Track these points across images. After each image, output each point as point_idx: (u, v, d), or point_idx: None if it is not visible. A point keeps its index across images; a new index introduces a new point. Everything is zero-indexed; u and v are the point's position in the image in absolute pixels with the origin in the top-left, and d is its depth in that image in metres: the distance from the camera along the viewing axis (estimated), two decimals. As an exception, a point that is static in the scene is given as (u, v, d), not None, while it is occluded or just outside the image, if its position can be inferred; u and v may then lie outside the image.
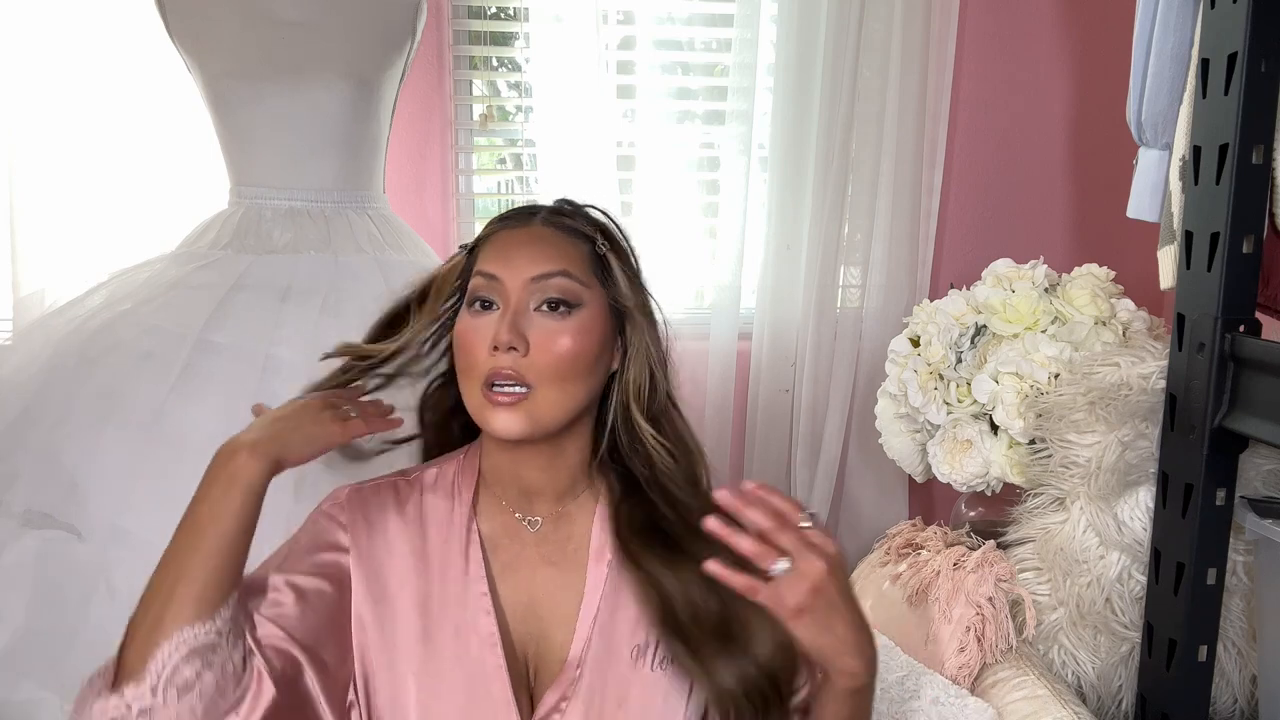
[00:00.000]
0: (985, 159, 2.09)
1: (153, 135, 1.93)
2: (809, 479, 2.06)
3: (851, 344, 2.03)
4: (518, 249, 0.88)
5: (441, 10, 1.96)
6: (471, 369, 0.86)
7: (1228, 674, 1.19)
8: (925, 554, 1.37)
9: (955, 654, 1.20)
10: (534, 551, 0.92)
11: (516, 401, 0.84)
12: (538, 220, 0.91)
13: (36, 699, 1.29)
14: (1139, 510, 1.16)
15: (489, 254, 0.89)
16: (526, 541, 0.92)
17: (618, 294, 0.91)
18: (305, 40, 1.57)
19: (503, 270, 0.87)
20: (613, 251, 0.92)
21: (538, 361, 0.84)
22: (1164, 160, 1.20)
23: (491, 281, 0.87)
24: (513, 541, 0.92)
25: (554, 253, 0.88)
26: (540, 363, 0.84)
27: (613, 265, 0.91)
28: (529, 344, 0.84)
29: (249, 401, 1.41)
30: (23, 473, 1.38)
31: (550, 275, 0.86)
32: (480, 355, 0.85)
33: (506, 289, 0.86)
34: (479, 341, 0.86)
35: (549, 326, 0.85)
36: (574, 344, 0.86)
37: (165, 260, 1.62)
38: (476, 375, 0.85)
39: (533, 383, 0.84)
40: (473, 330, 0.87)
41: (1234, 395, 1.00)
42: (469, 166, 2.09)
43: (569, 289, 0.87)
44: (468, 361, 0.87)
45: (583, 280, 0.88)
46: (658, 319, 0.94)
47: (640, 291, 0.93)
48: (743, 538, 0.75)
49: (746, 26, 1.93)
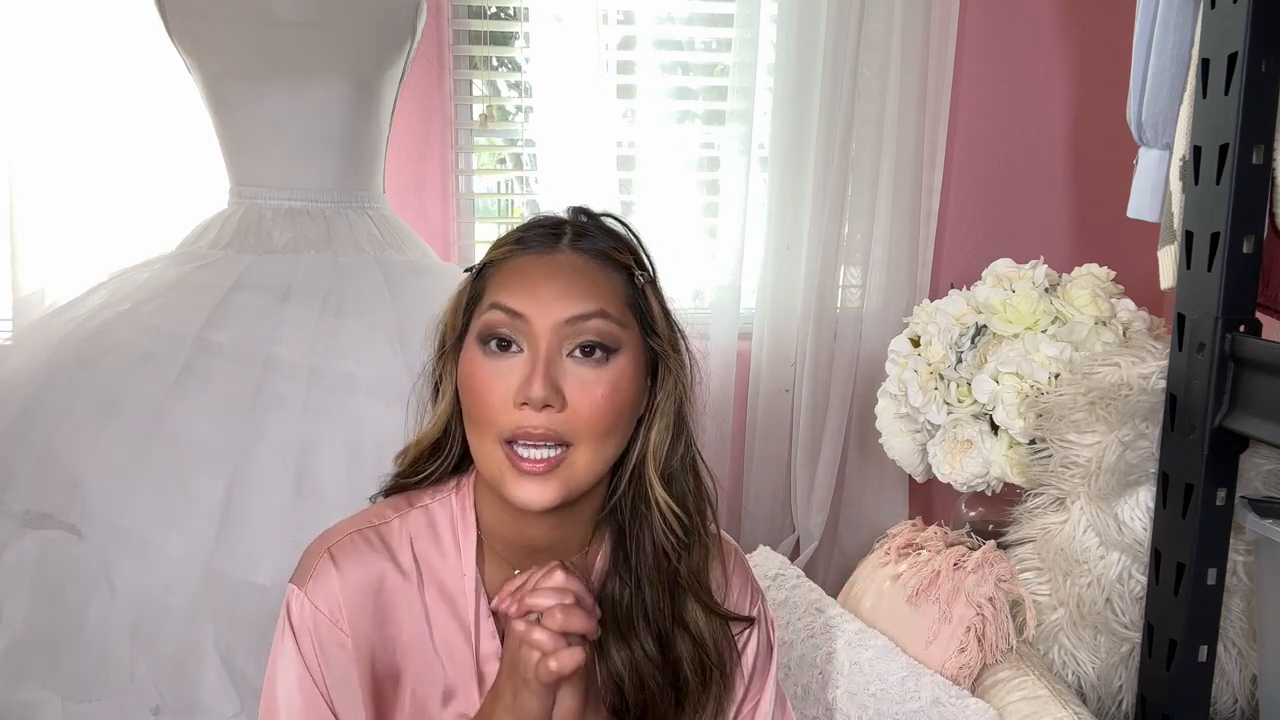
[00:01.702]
0: (985, 159, 2.09)
1: (153, 135, 1.93)
2: (809, 479, 2.06)
3: (851, 344, 2.03)
4: (546, 283, 0.74)
5: (441, 10, 1.96)
6: (488, 423, 0.74)
7: (1228, 674, 1.19)
8: (925, 554, 1.37)
9: (955, 654, 1.20)
10: None
11: (550, 469, 0.73)
12: (565, 244, 0.77)
13: (37, 699, 1.30)
14: (1139, 510, 1.16)
15: (510, 285, 0.75)
16: None
17: (653, 333, 0.79)
18: (305, 40, 1.57)
19: (530, 308, 0.73)
20: (650, 283, 0.80)
21: (575, 418, 0.73)
22: (1164, 160, 1.20)
23: (515, 320, 0.73)
24: None
25: (590, 288, 0.75)
26: (578, 419, 0.73)
27: (650, 300, 0.79)
28: (564, 399, 0.73)
29: (249, 401, 1.42)
30: (23, 473, 1.38)
31: (588, 317, 0.74)
32: (501, 408, 0.73)
33: (534, 331, 0.73)
34: (499, 390, 0.73)
35: (585, 376, 0.73)
36: (614, 395, 0.74)
37: (165, 260, 1.62)
38: (495, 431, 0.73)
39: (570, 440, 0.73)
40: (489, 375, 0.74)
41: (1234, 395, 1.00)
42: (469, 166, 2.09)
43: (607, 332, 0.74)
44: (483, 413, 0.74)
45: (620, 320, 0.76)
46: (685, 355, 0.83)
47: (674, 328, 0.81)
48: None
49: (746, 26, 1.93)
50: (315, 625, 0.77)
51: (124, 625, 1.31)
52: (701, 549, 0.83)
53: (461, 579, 0.81)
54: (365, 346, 1.46)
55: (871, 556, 1.50)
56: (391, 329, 1.47)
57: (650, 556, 0.81)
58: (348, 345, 1.46)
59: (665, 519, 0.80)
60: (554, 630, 0.69)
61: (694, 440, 0.84)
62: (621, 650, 0.80)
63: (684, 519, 0.81)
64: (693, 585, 0.82)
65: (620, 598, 0.81)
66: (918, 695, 1.16)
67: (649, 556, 0.81)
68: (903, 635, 1.27)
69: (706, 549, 0.84)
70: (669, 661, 0.82)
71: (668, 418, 0.80)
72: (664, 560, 0.81)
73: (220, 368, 1.42)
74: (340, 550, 0.79)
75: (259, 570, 1.31)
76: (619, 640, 0.81)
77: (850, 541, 2.11)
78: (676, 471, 0.82)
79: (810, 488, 2.06)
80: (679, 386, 0.81)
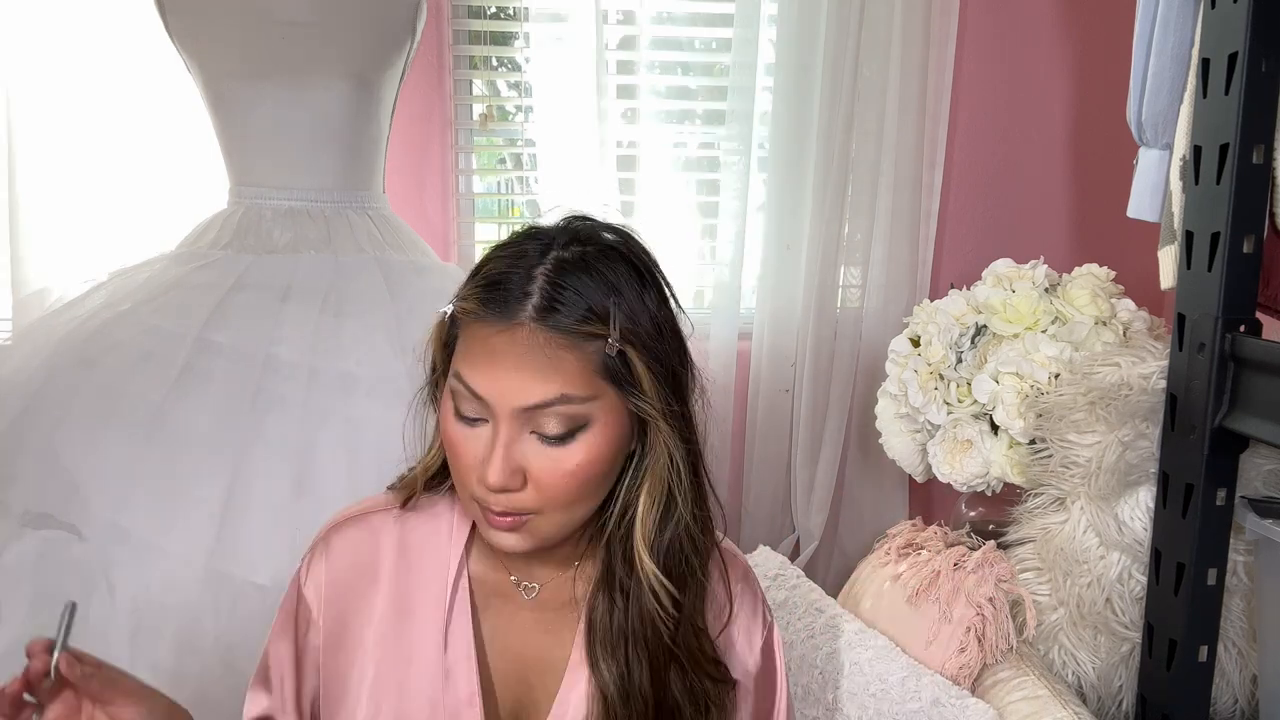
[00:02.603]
0: (985, 159, 2.09)
1: (153, 135, 1.93)
2: (809, 479, 2.06)
3: (851, 344, 2.03)
4: (503, 364, 0.70)
5: (441, 10, 1.96)
6: (462, 482, 0.75)
7: (1228, 674, 1.19)
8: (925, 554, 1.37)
9: (955, 654, 1.20)
10: (528, 616, 0.84)
11: (517, 526, 0.74)
12: (526, 318, 0.70)
13: (36, 699, 1.29)
14: (1139, 510, 1.16)
15: (472, 359, 0.72)
16: (520, 605, 0.84)
17: (637, 399, 0.73)
18: (305, 40, 1.57)
19: (489, 390, 0.71)
20: (631, 339, 0.72)
21: (539, 493, 0.72)
22: (1164, 160, 1.20)
23: (477, 400, 0.72)
24: (505, 603, 0.84)
25: (548, 373, 0.70)
26: (542, 494, 0.72)
27: (633, 361, 0.72)
28: (525, 478, 0.72)
29: (249, 401, 1.42)
30: (23, 473, 1.38)
31: (546, 405, 0.70)
32: (471, 475, 0.73)
33: (495, 413, 0.71)
34: (468, 455, 0.73)
35: (549, 454, 0.72)
36: (581, 468, 0.72)
37: (165, 260, 1.62)
38: (467, 489, 0.75)
39: (535, 510, 0.73)
40: (463, 438, 0.73)
41: (1234, 395, 1.00)
42: (469, 166, 2.09)
43: (569, 415, 0.71)
44: (458, 472, 0.75)
45: (586, 395, 0.71)
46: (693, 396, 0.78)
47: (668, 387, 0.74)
48: None
49: (746, 26, 1.93)
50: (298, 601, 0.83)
51: (124, 625, 1.31)
52: (696, 591, 0.81)
53: (447, 571, 0.83)
54: (365, 346, 1.46)
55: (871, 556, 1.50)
56: (391, 329, 1.47)
57: (638, 621, 0.79)
58: (348, 345, 1.46)
59: (656, 595, 0.77)
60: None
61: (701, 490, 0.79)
62: (609, 665, 0.80)
63: (675, 595, 0.78)
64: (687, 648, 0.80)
65: (610, 617, 0.80)
66: (918, 695, 1.16)
67: (636, 620, 0.79)
68: (903, 635, 1.27)
69: (702, 587, 0.82)
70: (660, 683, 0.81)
71: (657, 489, 0.76)
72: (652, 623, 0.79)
73: (220, 368, 1.42)
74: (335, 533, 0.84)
75: (259, 570, 1.31)
76: (607, 655, 0.80)
77: (850, 541, 2.11)
78: (671, 544, 0.78)
79: (810, 488, 2.06)
80: (667, 452, 0.75)
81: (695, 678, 0.81)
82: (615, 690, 0.79)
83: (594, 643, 0.81)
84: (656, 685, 0.80)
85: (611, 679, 0.79)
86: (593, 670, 0.81)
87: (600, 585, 0.81)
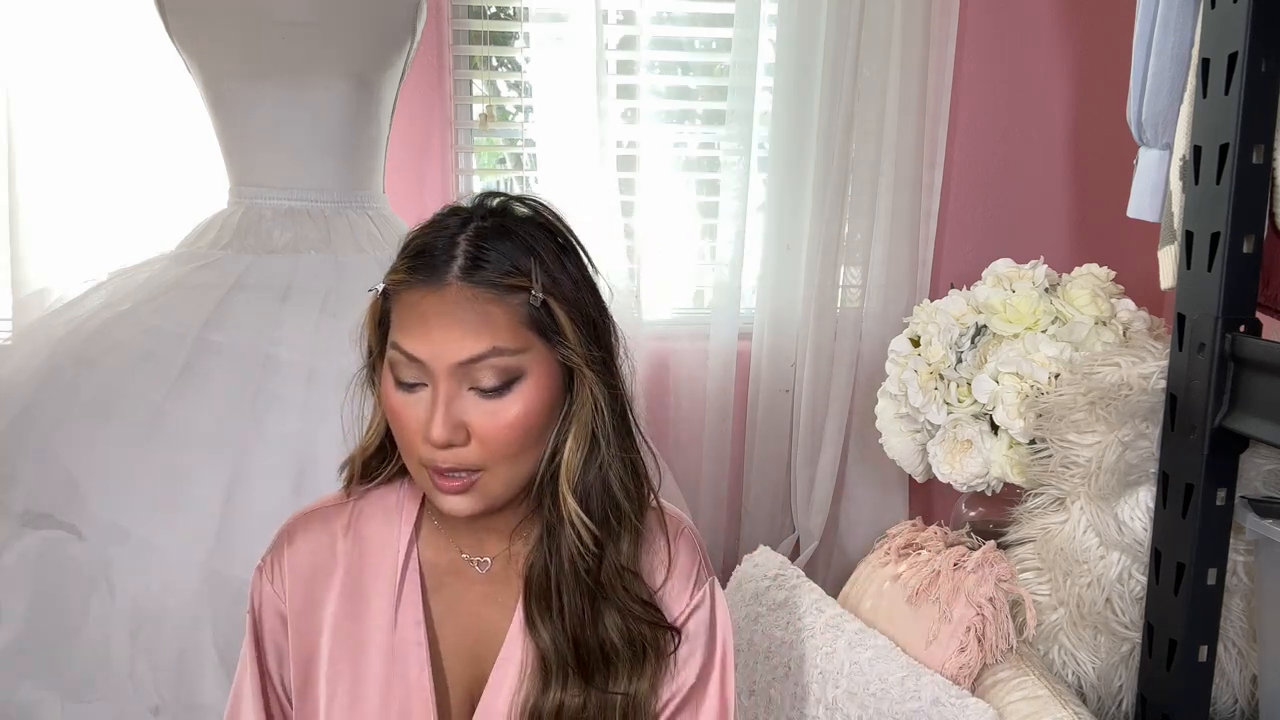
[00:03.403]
0: (985, 159, 2.09)
1: (153, 135, 1.93)
2: (809, 479, 2.06)
3: (851, 344, 2.03)
4: (437, 323, 0.74)
5: (441, 10, 1.96)
6: (409, 450, 0.79)
7: (1228, 674, 1.19)
8: (925, 554, 1.37)
9: (955, 654, 1.20)
10: (479, 591, 0.87)
11: (466, 487, 0.77)
12: (452, 278, 0.75)
13: (36, 699, 1.29)
14: (1139, 510, 1.16)
15: (406, 325, 0.76)
16: (472, 580, 0.87)
17: (563, 347, 0.78)
18: (305, 40, 1.57)
19: (424, 351, 0.74)
20: (552, 292, 0.77)
21: (482, 447, 0.76)
22: (1164, 160, 1.20)
23: (414, 363, 0.75)
24: (457, 580, 0.87)
25: (482, 325, 0.74)
26: (485, 447, 0.76)
27: (556, 312, 0.77)
28: (469, 431, 0.75)
29: (249, 401, 1.42)
30: (22, 473, 1.38)
31: (482, 358, 0.74)
32: (415, 440, 0.76)
33: (433, 372, 0.75)
34: (412, 422, 0.77)
35: (488, 408, 0.75)
36: (519, 419, 0.76)
37: (165, 260, 1.62)
38: (414, 456, 0.78)
39: (481, 465, 0.77)
40: (404, 405, 0.77)
41: (1234, 395, 1.00)
42: (469, 166, 2.09)
43: (504, 367, 0.75)
44: (403, 441, 0.79)
45: (518, 347, 0.75)
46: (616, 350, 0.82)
47: (587, 332, 0.79)
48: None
49: (746, 26, 1.93)
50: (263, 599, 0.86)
51: (123, 625, 1.31)
52: (631, 539, 0.84)
53: (397, 555, 0.86)
54: (365, 346, 1.46)
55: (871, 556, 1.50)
56: (391, 329, 1.47)
57: (567, 561, 0.82)
58: (347, 345, 1.46)
59: (578, 532, 0.81)
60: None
61: (630, 436, 0.83)
62: (544, 616, 0.83)
63: (595, 533, 0.81)
64: (614, 588, 0.83)
65: (545, 568, 0.83)
66: (918, 695, 1.16)
67: (565, 561, 0.82)
68: (903, 635, 1.27)
69: (638, 535, 0.85)
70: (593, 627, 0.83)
71: (582, 435, 0.80)
72: (578, 563, 0.82)
73: (220, 368, 1.42)
74: (294, 524, 0.88)
75: (259, 570, 1.31)
76: (543, 606, 0.83)
77: (850, 541, 2.11)
78: (592, 486, 0.81)
79: (810, 488, 2.06)
80: (594, 395, 0.80)
81: (630, 622, 0.83)
82: (549, 641, 0.82)
83: (530, 597, 0.84)
84: (590, 630, 0.82)
85: (546, 630, 0.82)
86: (528, 625, 0.83)
87: (537, 543, 0.84)
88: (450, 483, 0.77)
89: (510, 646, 0.85)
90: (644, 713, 0.84)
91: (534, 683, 0.83)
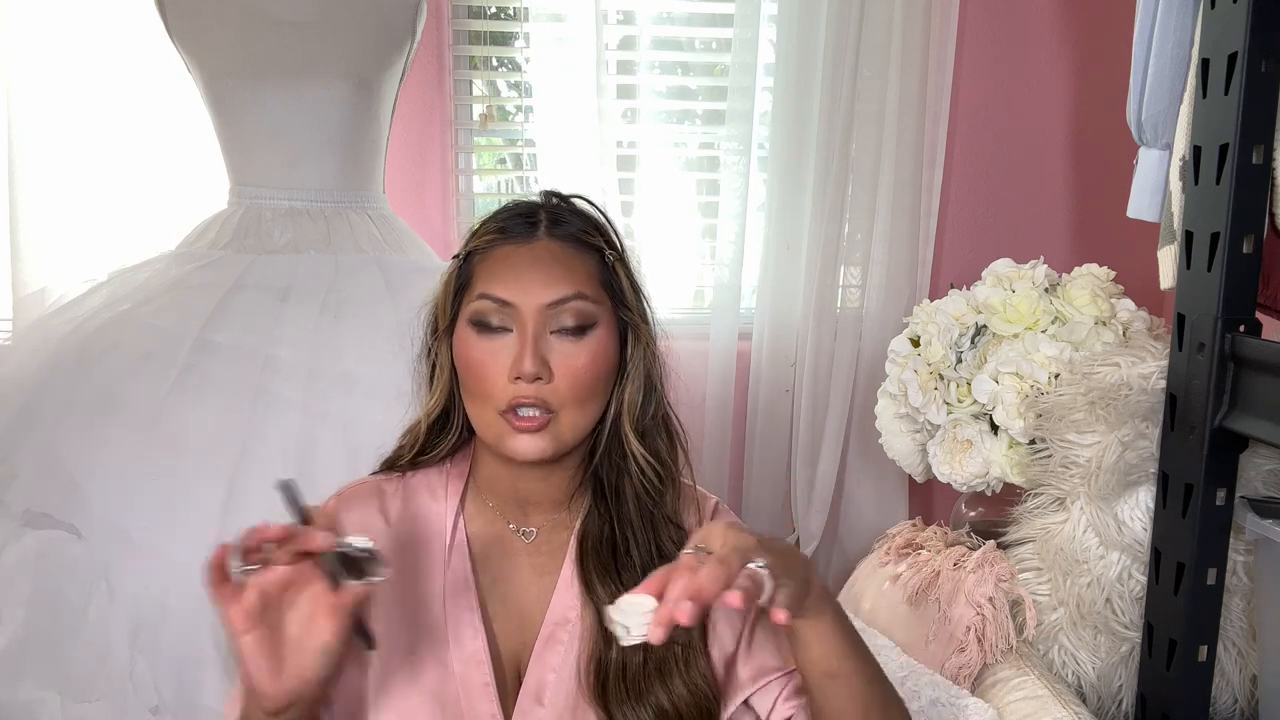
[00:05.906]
0: (985, 159, 2.09)
1: (153, 135, 1.93)
2: (809, 479, 2.06)
3: (851, 344, 2.03)
4: (528, 271, 0.84)
5: (441, 10, 1.96)
6: (487, 396, 0.84)
7: (1228, 674, 1.19)
8: (925, 554, 1.37)
9: (955, 654, 1.20)
10: (526, 563, 0.91)
11: (541, 426, 0.83)
12: (541, 232, 0.87)
13: (36, 699, 1.30)
14: (1139, 510, 1.16)
15: (495, 275, 0.85)
16: (518, 552, 0.91)
17: (623, 307, 0.89)
18: (305, 40, 1.57)
19: (516, 295, 0.83)
20: (619, 260, 0.90)
21: (560, 387, 0.83)
22: (1164, 160, 1.20)
23: (504, 307, 0.84)
24: (504, 554, 0.91)
25: (567, 274, 0.85)
26: (563, 388, 0.83)
27: (620, 276, 0.89)
28: (551, 371, 0.83)
29: (249, 401, 1.42)
30: (23, 472, 1.38)
31: (567, 300, 0.84)
32: (498, 382, 0.83)
33: (522, 315, 0.83)
34: (494, 366, 0.83)
35: (567, 350, 0.84)
36: (593, 365, 0.85)
37: (165, 260, 1.62)
38: (494, 402, 0.84)
39: (556, 407, 0.83)
40: (486, 354, 0.84)
41: (1234, 395, 1.00)
42: (469, 166, 2.09)
43: (585, 311, 0.84)
44: (482, 388, 0.84)
45: (595, 298, 0.86)
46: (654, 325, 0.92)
47: (641, 300, 0.91)
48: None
49: (746, 26, 1.92)
50: None
51: (123, 625, 1.31)
52: (674, 492, 0.91)
53: (444, 527, 0.90)
54: (365, 347, 1.46)
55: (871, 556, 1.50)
56: (391, 329, 1.47)
57: (631, 502, 0.90)
58: (347, 345, 1.46)
59: (641, 467, 0.89)
60: None
61: (665, 398, 0.92)
62: (606, 584, 0.87)
63: (658, 467, 0.90)
64: (672, 520, 0.90)
65: (601, 534, 0.89)
66: (918, 695, 1.16)
67: (630, 502, 0.90)
68: (903, 635, 1.27)
69: (679, 491, 0.92)
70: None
71: (639, 379, 0.89)
72: (644, 501, 0.90)
73: (220, 368, 1.42)
74: (347, 494, 0.92)
75: (258, 570, 1.31)
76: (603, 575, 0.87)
77: (850, 541, 2.11)
78: (650, 426, 0.90)
79: (810, 488, 2.06)
80: (648, 352, 0.90)
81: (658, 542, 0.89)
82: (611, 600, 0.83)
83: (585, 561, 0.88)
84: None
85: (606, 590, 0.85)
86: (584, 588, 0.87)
87: (591, 508, 0.91)
88: (527, 422, 0.82)
89: (558, 608, 0.89)
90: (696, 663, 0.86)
91: (595, 643, 0.86)
